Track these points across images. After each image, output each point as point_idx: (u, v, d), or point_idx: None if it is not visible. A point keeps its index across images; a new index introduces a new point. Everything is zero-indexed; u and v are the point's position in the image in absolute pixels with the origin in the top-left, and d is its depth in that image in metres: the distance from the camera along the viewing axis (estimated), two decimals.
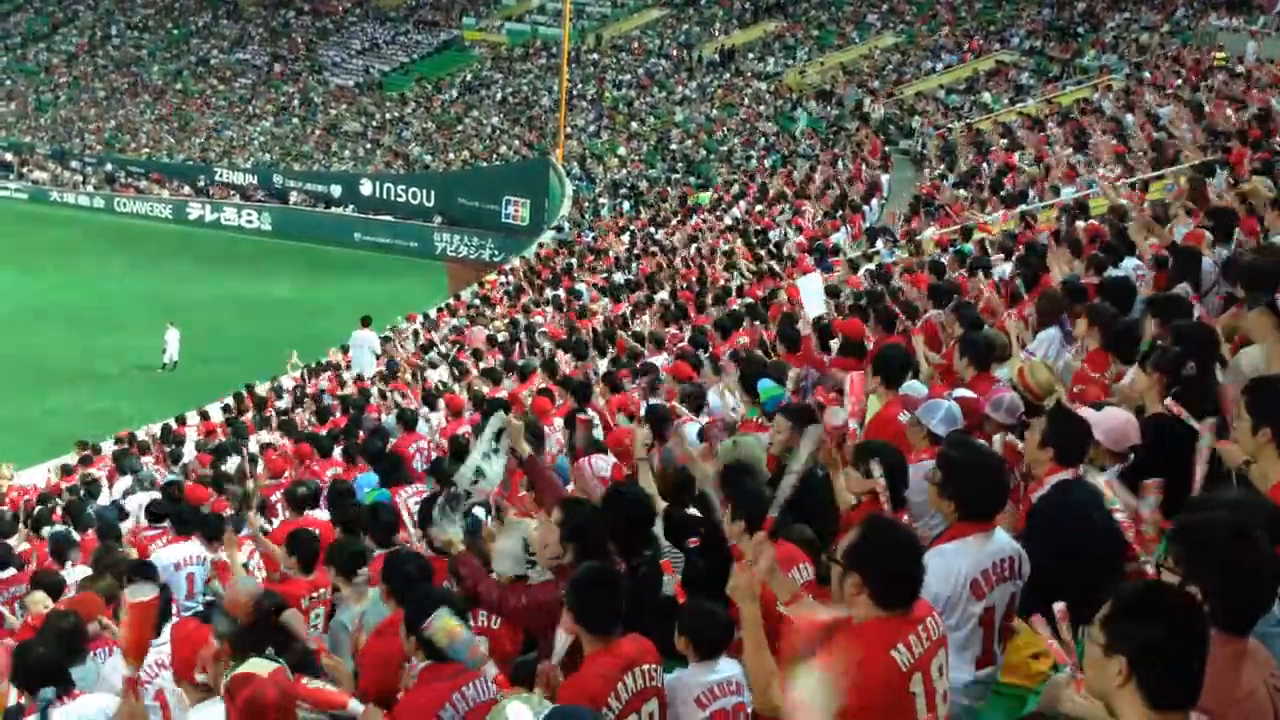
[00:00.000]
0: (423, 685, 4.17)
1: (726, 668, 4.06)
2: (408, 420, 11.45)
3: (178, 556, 8.27)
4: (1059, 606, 3.17)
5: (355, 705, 4.09)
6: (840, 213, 22.02)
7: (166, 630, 5.42)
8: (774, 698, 3.43)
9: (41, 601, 7.48)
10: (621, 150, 43.44)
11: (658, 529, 5.00)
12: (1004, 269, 11.25)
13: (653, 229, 28.07)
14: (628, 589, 4.13)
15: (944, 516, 4.33)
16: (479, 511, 5.87)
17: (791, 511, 4.64)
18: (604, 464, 7.17)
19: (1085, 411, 4.93)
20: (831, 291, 12.05)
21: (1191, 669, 2.54)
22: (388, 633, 4.84)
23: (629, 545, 4.72)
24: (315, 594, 6.55)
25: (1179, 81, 23.63)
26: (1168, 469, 4.74)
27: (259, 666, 4.11)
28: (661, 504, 5.44)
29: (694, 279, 18.85)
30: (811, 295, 10.06)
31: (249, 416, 17.84)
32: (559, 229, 35.06)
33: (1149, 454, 4.86)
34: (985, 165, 22.37)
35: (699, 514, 5.27)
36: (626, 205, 36.92)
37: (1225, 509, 3.32)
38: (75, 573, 8.52)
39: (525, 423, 5.98)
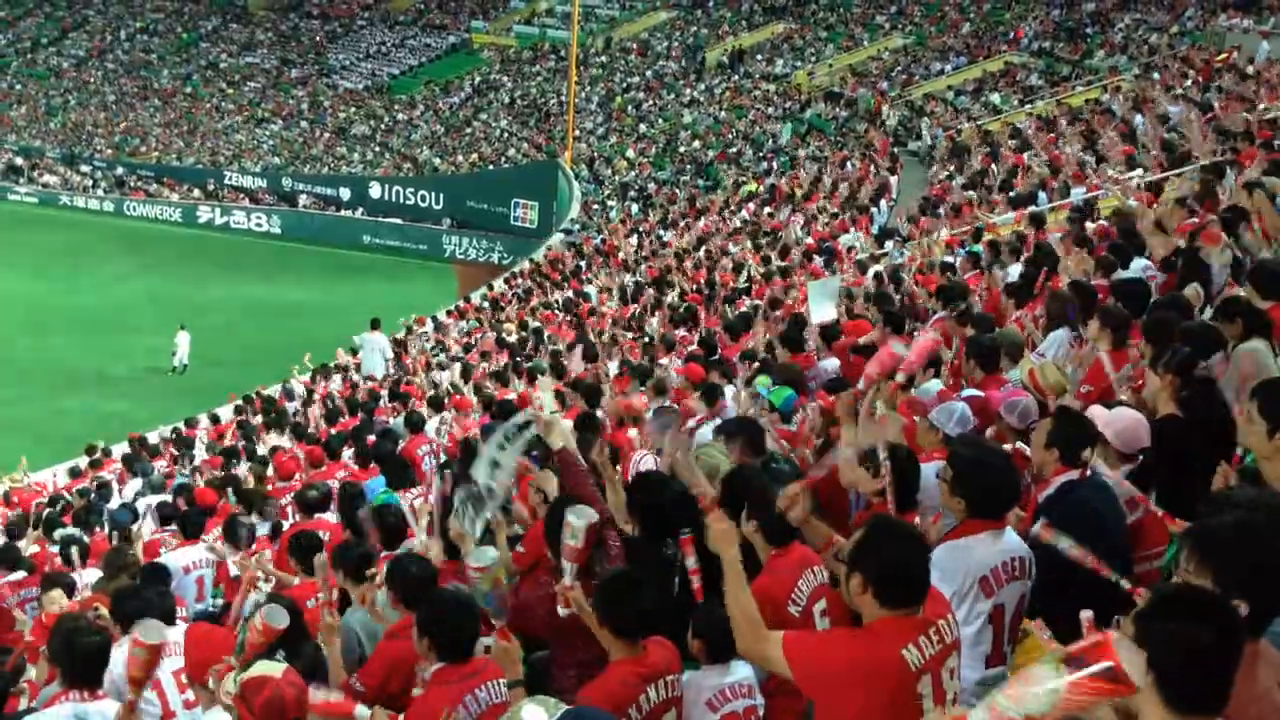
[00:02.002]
0: (435, 687, 4.17)
1: (739, 670, 4.06)
2: (415, 423, 11.46)
3: (187, 560, 8.30)
4: (1086, 615, 3.15)
5: (362, 711, 4.09)
6: (849, 213, 21.99)
7: (171, 631, 5.43)
8: (761, 643, 3.44)
9: (58, 600, 7.50)
10: (630, 153, 43.46)
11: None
12: (1012, 270, 11.21)
13: (661, 231, 28.07)
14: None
15: (955, 515, 4.32)
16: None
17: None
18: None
19: (1097, 411, 4.91)
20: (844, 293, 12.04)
21: (1218, 675, 2.49)
22: (399, 635, 4.85)
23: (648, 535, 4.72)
24: (321, 595, 6.55)
25: (1188, 82, 23.57)
26: (1171, 471, 4.73)
27: (270, 669, 4.11)
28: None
29: (703, 281, 18.85)
30: (821, 299, 10.01)
31: (258, 419, 17.88)
32: (567, 231, 35.08)
33: (1154, 456, 4.85)
34: (994, 166, 22.31)
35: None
36: (635, 207, 36.94)
37: (1239, 509, 3.30)
38: (86, 575, 8.53)
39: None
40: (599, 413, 9.00)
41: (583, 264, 26.44)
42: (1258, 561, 2.88)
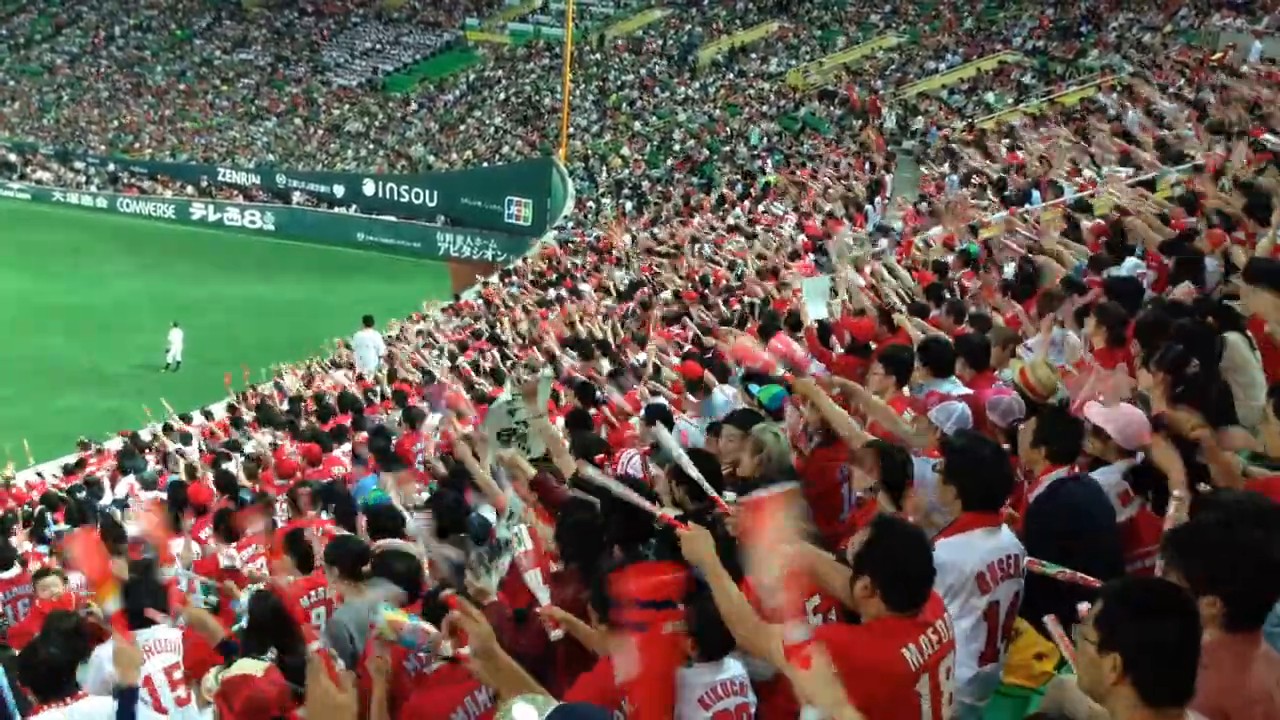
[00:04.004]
0: (436, 688, 4.15)
1: (731, 668, 4.05)
2: (413, 419, 11.42)
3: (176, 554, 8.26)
4: (1084, 607, 3.16)
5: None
6: (843, 211, 21.97)
7: (164, 628, 5.42)
8: (760, 636, 3.41)
9: (54, 584, 7.51)
10: (625, 150, 43.44)
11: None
12: (1007, 268, 11.21)
13: (655, 229, 28.07)
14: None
15: (950, 508, 4.32)
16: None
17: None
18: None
19: (1095, 408, 4.90)
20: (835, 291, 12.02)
21: (1185, 664, 2.54)
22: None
23: (628, 540, 4.70)
24: (314, 593, 6.55)
25: (1182, 81, 23.59)
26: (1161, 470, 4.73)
27: (251, 667, 4.10)
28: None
29: (697, 278, 18.84)
30: (815, 297, 10.01)
31: (251, 416, 17.85)
32: (561, 229, 35.08)
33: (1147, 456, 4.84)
34: (988, 164, 22.31)
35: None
36: (629, 205, 36.94)
37: (1218, 509, 3.31)
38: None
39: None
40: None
41: (577, 261, 26.42)
42: (1239, 559, 2.89)
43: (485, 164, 46.94)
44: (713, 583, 3.53)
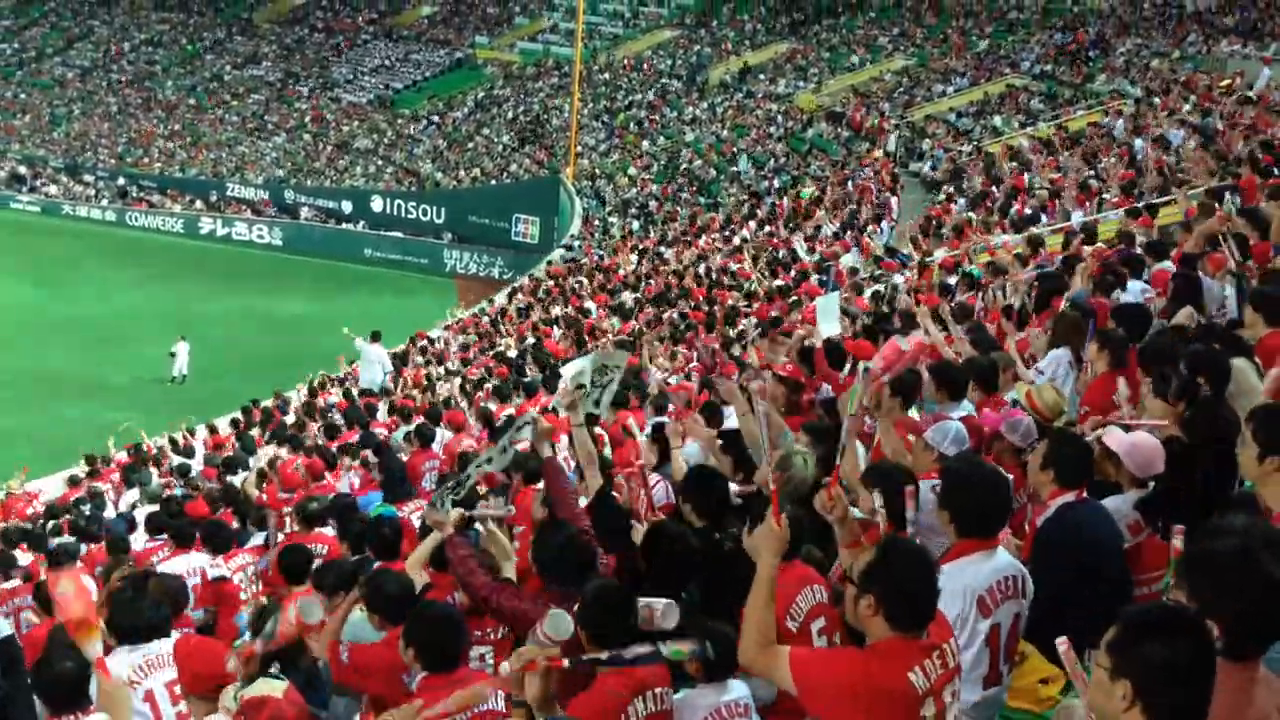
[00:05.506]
0: (421, 695, 4.15)
1: (735, 689, 4.04)
2: (425, 437, 11.38)
3: (181, 569, 8.26)
4: (1062, 640, 3.14)
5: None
6: (849, 233, 22.02)
7: (169, 640, 5.41)
8: (766, 657, 3.45)
9: (68, 589, 7.48)
10: (632, 170, 43.54)
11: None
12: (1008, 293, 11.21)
13: (662, 248, 28.10)
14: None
15: (947, 533, 4.30)
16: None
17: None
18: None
19: (1115, 433, 4.88)
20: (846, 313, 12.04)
21: (1198, 693, 2.51)
22: (393, 643, 4.85)
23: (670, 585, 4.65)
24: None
25: (1188, 107, 23.61)
26: (1177, 496, 4.72)
27: (271, 687, 4.10)
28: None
29: (703, 298, 18.87)
30: (827, 314, 10.01)
31: (255, 431, 17.86)
32: (568, 247, 35.14)
33: (1158, 481, 4.83)
34: (994, 188, 22.37)
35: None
36: (635, 224, 37.00)
37: (1232, 536, 3.30)
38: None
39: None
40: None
41: (583, 280, 26.40)
42: (1254, 588, 2.87)
43: (493, 181, 47.06)
44: (758, 584, 3.55)
